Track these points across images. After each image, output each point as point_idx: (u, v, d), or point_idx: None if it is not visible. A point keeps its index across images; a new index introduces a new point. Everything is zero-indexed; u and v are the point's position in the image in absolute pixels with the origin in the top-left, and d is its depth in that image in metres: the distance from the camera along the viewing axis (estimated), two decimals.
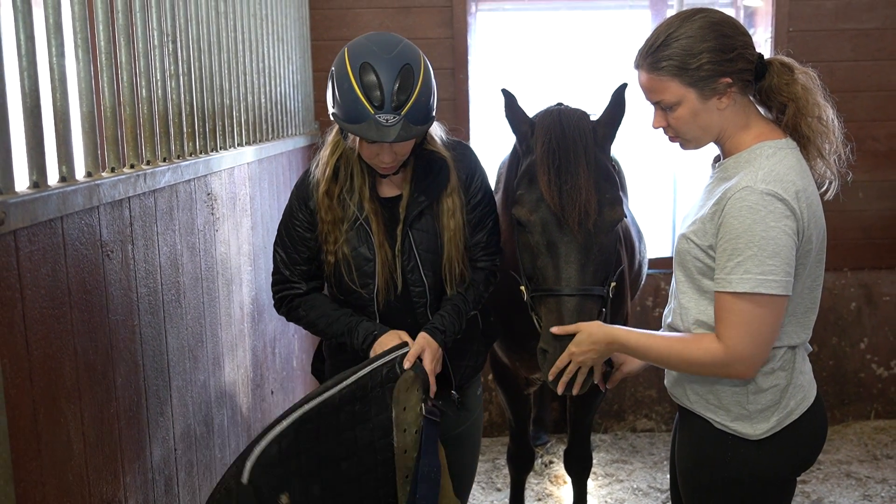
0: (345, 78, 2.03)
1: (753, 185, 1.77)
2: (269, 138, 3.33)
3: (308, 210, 2.27)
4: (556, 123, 2.25)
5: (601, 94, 2.45)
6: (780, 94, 1.89)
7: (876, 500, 3.84)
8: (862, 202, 4.53)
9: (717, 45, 1.83)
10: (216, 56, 2.65)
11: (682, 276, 1.97)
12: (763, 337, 1.80)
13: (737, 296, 1.78)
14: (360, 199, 2.22)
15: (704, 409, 1.96)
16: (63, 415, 1.59)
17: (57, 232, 1.57)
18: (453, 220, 2.26)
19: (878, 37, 4.39)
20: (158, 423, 2.09)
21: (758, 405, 1.90)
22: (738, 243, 1.77)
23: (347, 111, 2.03)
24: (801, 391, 1.94)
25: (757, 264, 1.75)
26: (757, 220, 1.75)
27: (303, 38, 4.10)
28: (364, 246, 2.23)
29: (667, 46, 1.85)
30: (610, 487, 4.04)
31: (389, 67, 2.01)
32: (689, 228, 1.93)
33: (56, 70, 1.63)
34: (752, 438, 1.90)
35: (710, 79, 1.84)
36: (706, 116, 1.88)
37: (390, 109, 1.99)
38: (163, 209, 2.11)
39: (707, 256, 1.87)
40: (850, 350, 4.66)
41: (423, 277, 2.26)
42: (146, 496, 2.00)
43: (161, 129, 2.19)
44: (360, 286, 2.25)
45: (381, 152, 2.09)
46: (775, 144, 1.87)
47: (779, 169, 1.80)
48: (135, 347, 1.94)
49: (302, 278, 2.32)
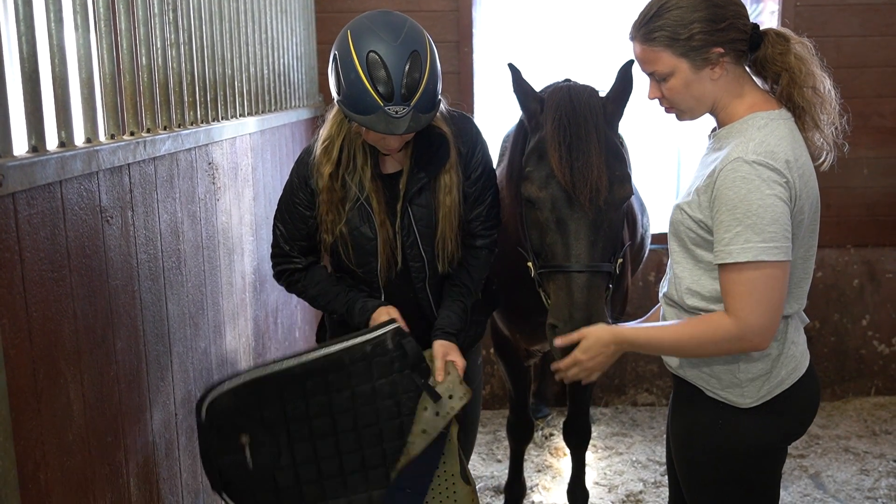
0: (351, 68, 1.97)
1: (744, 156, 1.78)
2: (271, 109, 3.33)
3: (308, 189, 2.28)
4: (567, 100, 2.25)
5: (606, 68, 2.45)
6: (774, 65, 1.89)
7: (873, 474, 3.87)
8: (867, 179, 4.51)
9: (709, 14, 1.83)
10: (217, 26, 2.65)
11: (677, 246, 1.97)
12: (772, 304, 1.79)
13: (740, 266, 1.77)
14: (362, 178, 2.22)
15: (696, 377, 1.98)
16: (63, 376, 1.62)
17: (56, 196, 1.59)
18: (449, 196, 2.26)
19: (886, 12, 4.35)
20: (159, 388, 2.12)
21: (748, 374, 1.92)
22: (736, 213, 1.77)
23: (355, 102, 1.99)
24: (792, 361, 1.95)
25: (757, 232, 1.75)
26: (752, 189, 1.75)
27: (307, 10, 4.09)
28: (365, 225, 2.24)
29: (659, 17, 1.86)
30: (609, 460, 4.07)
31: (398, 57, 1.96)
32: (683, 199, 1.94)
33: (54, 36, 1.64)
34: (742, 406, 1.93)
35: (702, 49, 1.84)
36: (699, 86, 1.89)
37: (400, 101, 1.96)
38: (163, 177, 2.13)
39: (699, 228, 1.88)
40: (851, 327, 4.66)
41: (423, 253, 2.28)
42: (147, 458, 2.04)
43: (161, 97, 2.20)
44: (358, 265, 2.27)
45: (386, 138, 2.08)
46: (768, 115, 1.87)
47: (769, 140, 1.80)
48: (135, 313, 1.97)
49: (301, 253, 2.35)
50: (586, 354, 1.99)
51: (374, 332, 2.13)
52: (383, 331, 2.13)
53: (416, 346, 2.14)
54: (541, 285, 2.28)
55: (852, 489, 3.74)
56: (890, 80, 4.41)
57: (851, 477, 3.85)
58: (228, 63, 2.77)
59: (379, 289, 2.30)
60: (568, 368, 2.03)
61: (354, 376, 2.11)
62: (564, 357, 2.05)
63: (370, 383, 2.12)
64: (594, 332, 2.00)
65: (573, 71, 2.59)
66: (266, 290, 3.16)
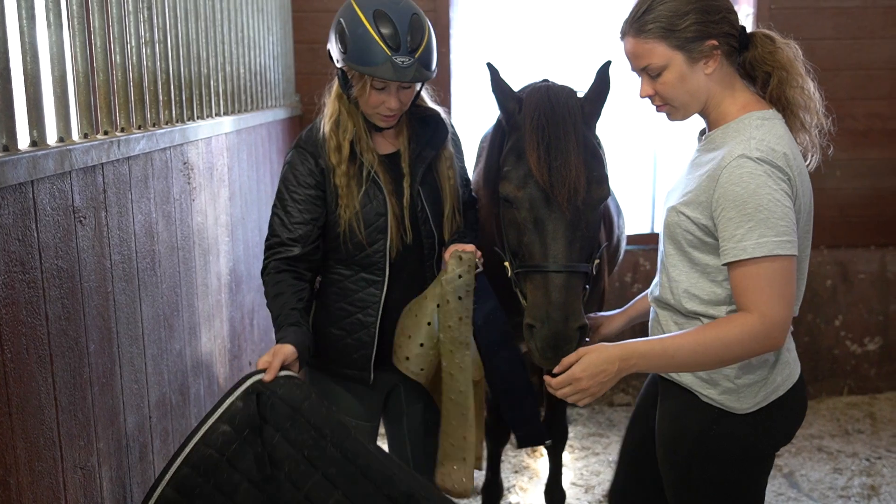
0: (358, 24, 2.08)
1: (748, 153, 1.77)
2: (247, 109, 3.31)
3: (319, 168, 2.24)
4: (545, 100, 2.25)
5: (584, 68, 2.46)
6: (765, 64, 1.89)
7: (846, 473, 3.91)
8: (839, 180, 4.57)
9: (703, 6, 1.84)
10: (193, 24, 2.63)
11: (672, 250, 1.95)
12: (789, 298, 1.77)
13: (757, 261, 1.74)
14: (364, 152, 2.26)
15: (692, 381, 1.94)
16: (34, 379, 1.59)
17: (27, 196, 1.56)
18: (451, 170, 2.37)
19: (858, 15, 4.41)
20: (133, 391, 2.09)
21: (746, 380, 1.90)
22: (746, 209, 1.75)
23: (362, 54, 2.07)
24: (787, 367, 1.94)
25: (770, 227, 1.74)
26: (760, 184, 1.75)
27: (283, 9, 4.07)
28: (377, 201, 2.26)
29: (652, 10, 1.86)
30: (586, 460, 4.08)
31: (402, 14, 2.08)
32: (679, 201, 1.91)
33: (26, 33, 1.61)
34: (739, 412, 1.91)
35: (697, 40, 1.84)
36: (693, 81, 1.88)
37: (406, 52, 2.06)
38: (137, 177, 2.11)
39: (699, 230, 1.86)
40: (824, 327, 4.71)
41: (434, 230, 2.34)
42: (120, 462, 2.01)
43: (136, 96, 2.17)
44: (369, 243, 2.26)
45: (387, 99, 2.14)
46: (762, 115, 1.87)
47: (768, 138, 1.80)
48: (108, 315, 1.94)
49: (298, 240, 2.23)
50: (585, 373, 1.80)
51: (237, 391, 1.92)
52: (243, 388, 1.92)
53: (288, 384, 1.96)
54: (517, 285, 2.28)
55: (826, 488, 3.78)
56: (862, 83, 4.47)
57: (825, 476, 3.89)
58: (204, 62, 2.74)
59: (384, 269, 2.29)
60: (561, 387, 1.83)
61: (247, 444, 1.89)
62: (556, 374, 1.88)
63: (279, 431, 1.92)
64: (596, 349, 1.82)
65: (551, 71, 2.60)
66: (242, 291, 3.13)
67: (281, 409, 1.92)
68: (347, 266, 2.31)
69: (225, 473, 1.87)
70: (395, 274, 2.30)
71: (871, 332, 4.73)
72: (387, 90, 2.13)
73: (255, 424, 1.90)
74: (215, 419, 1.88)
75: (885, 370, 4.76)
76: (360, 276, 2.31)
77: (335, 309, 2.33)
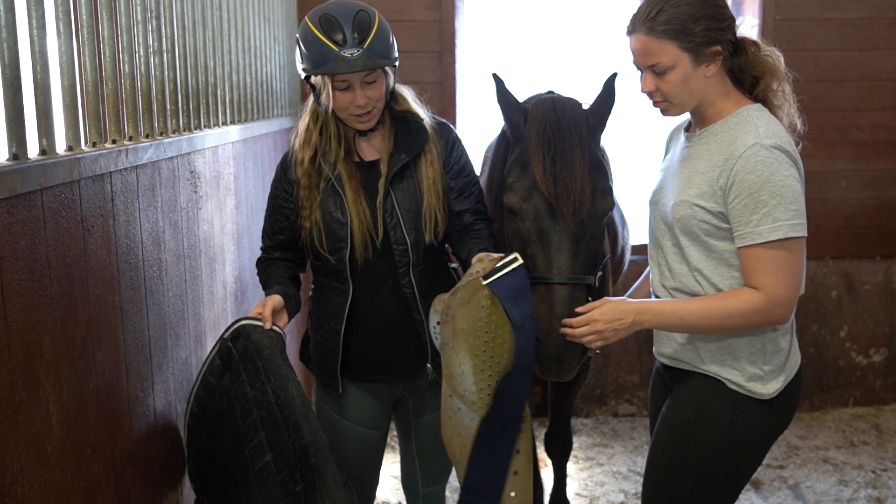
0: (307, 32, 2.17)
1: (760, 141, 1.89)
2: (254, 118, 3.32)
3: (287, 180, 2.37)
4: (551, 112, 2.25)
5: (590, 78, 2.47)
6: (755, 69, 2.04)
7: (852, 485, 3.89)
8: (844, 191, 4.57)
9: (714, 13, 1.96)
10: (201, 34, 2.64)
11: (688, 241, 2.04)
12: (797, 279, 1.93)
13: (769, 245, 1.89)
14: (336, 161, 2.30)
15: (719, 368, 2.05)
16: (42, 387, 1.59)
17: (37, 204, 1.57)
18: (431, 168, 2.33)
19: (863, 26, 4.41)
20: (139, 399, 2.09)
21: (772, 365, 2.03)
22: (761, 195, 1.87)
23: (314, 57, 2.15)
24: (796, 353, 2.10)
25: (784, 212, 1.87)
26: (773, 171, 1.87)
27: (290, 19, 4.09)
28: (338, 210, 2.29)
29: (665, 12, 1.95)
30: (590, 471, 4.08)
31: (346, 12, 2.16)
32: (690, 194, 2.00)
33: (37, 43, 1.62)
34: (766, 398, 2.02)
35: (705, 45, 1.95)
36: (695, 82, 1.99)
37: (353, 44, 2.12)
38: (145, 185, 2.11)
39: (715, 218, 1.97)
40: (829, 338, 4.70)
41: (406, 235, 2.29)
42: (125, 471, 2.01)
43: (144, 105, 2.18)
44: (330, 252, 2.30)
45: (354, 98, 2.17)
46: (756, 107, 2.02)
47: (772, 126, 1.95)
48: (115, 323, 1.94)
49: (278, 247, 2.44)
50: (604, 316, 2.01)
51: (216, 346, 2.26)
52: (230, 331, 2.24)
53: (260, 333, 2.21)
54: None
55: (831, 500, 3.77)
56: (867, 94, 4.47)
57: (830, 488, 3.88)
58: (211, 71, 2.75)
59: (348, 279, 2.31)
60: (580, 327, 2.03)
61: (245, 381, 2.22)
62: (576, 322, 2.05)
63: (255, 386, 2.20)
64: (616, 299, 2.05)
65: (556, 81, 2.61)
66: (248, 299, 3.14)
67: (249, 351, 2.19)
68: (323, 274, 2.39)
69: (217, 397, 2.25)
70: (362, 282, 2.32)
71: (876, 343, 4.72)
72: (350, 89, 2.17)
73: (227, 363, 2.23)
74: (213, 353, 2.25)
75: (891, 381, 4.75)
76: (332, 284, 2.36)
77: (316, 317, 2.44)
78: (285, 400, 2.13)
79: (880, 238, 4.65)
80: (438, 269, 2.42)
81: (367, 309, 2.35)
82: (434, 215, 2.32)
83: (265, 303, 2.26)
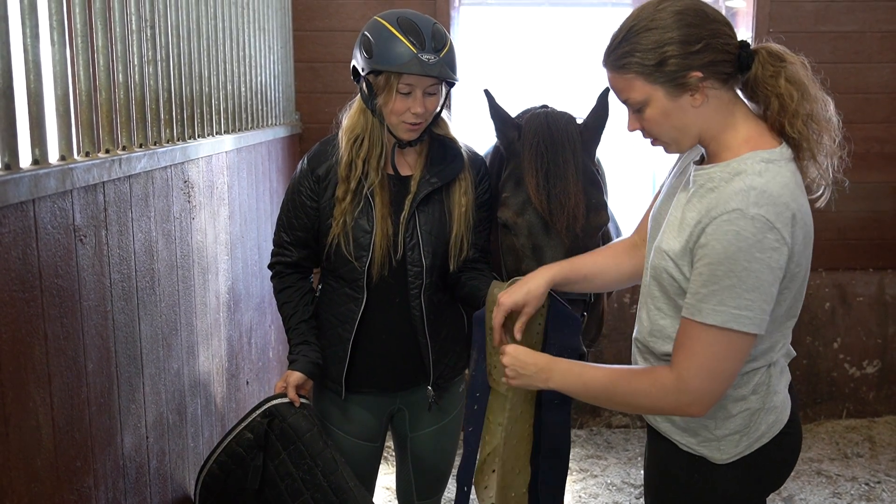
0: (383, 30, 2.14)
1: (745, 209, 1.56)
2: (248, 127, 3.31)
3: (314, 177, 2.31)
4: (544, 127, 2.25)
5: (584, 91, 2.47)
6: (765, 88, 1.68)
7: (846, 497, 3.89)
8: (837, 203, 4.48)
9: (681, 36, 1.62)
10: (195, 43, 2.63)
11: (657, 291, 1.79)
12: (722, 375, 1.63)
13: (705, 327, 1.60)
14: (371, 171, 2.25)
15: (670, 430, 1.84)
16: (32, 399, 1.58)
17: (28, 215, 1.55)
18: (465, 197, 2.31)
19: (856, 39, 4.43)
20: (130, 411, 2.07)
21: (726, 430, 1.77)
22: (718, 270, 1.58)
23: (389, 54, 2.12)
24: (773, 413, 1.78)
25: (733, 297, 1.57)
26: (742, 248, 1.56)
27: (284, 28, 4.08)
28: (364, 219, 2.25)
29: (627, 42, 1.67)
30: (584, 483, 4.06)
31: (424, 20, 2.17)
32: (665, 243, 1.73)
33: (30, 51, 1.61)
34: (719, 462, 1.79)
35: (677, 74, 1.63)
36: (679, 116, 1.68)
37: (431, 50, 2.11)
38: (138, 195, 2.10)
39: (685, 279, 1.69)
40: (823, 350, 4.71)
41: (423, 258, 2.27)
42: (116, 483, 1.99)
43: (137, 114, 2.17)
44: (355, 258, 2.26)
45: (413, 104, 2.14)
46: (768, 155, 1.64)
47: (772, 188, 1.58)
48: (107, 334, 1.93)
49: (294, 245, 2.36)
50: (514, 353, 1.86)
51: (259, 409, 2.27)
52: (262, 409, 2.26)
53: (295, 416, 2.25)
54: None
55: None
56: (860, 107, 4.49)
57: (824, 500, 3.87)
58: (206, 80, 2.74)
59: (363, 288, 2.28)
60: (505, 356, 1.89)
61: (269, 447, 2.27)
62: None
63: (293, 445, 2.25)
64: (529, 352, 1.87)
65: (549, 94, 2.61)
66: (240, 310, 3.12)
67: (288, 433, 2.23)
68: (335, 278, 2.34)
69: (247, 469, 2.28)
70: (376, 294, 2.30)
71: (869, 355, 4.72)
72: (412, 95, 2.14)
73: (261, 443, 2.24)
74: (242, 427, 2.26)
75: (884, 393, 4.75)
76: (344, 290, 2.32)
77: (323, 319, 2.40)
78: (338, 484, 2.20)
79: (873, 250, 4.66)
80: (449, 300, 2.40)
81: (375, 321, 2.32)
82: (461, 244, 2.31)
83: (287, 380, 2.27)
